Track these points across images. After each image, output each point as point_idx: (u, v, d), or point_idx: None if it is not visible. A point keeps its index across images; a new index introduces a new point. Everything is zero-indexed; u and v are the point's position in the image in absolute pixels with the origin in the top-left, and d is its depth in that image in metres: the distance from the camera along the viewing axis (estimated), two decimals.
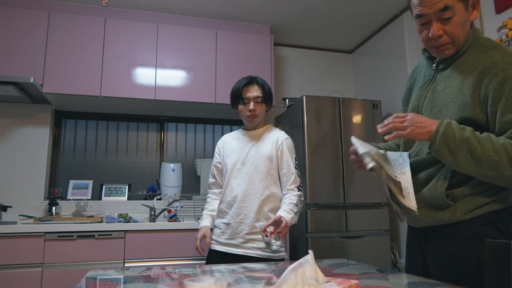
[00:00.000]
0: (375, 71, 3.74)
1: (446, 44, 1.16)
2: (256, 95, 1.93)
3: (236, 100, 1.96)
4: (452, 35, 1.14)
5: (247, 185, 1.89)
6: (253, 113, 1.92)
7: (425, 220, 1.19)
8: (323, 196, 2.94)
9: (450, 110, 1.15)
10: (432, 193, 1.16)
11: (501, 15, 2.34)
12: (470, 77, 1.12)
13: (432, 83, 1.25)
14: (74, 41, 2.98)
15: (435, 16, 1.12)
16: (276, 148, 1.93)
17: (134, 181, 3.42)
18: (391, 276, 1.18)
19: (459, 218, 1.12)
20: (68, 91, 2.91)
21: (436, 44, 1.17)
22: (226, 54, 3.29)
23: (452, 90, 1.16)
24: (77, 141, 3.40)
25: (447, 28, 1.13)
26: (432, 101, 1.22)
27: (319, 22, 3.56)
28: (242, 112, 1.96)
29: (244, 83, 1.95)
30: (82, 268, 2.40)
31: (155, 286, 1.09)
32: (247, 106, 1.93)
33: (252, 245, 1.84)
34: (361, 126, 3.15)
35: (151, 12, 3.33)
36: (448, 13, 1.11)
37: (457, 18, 1.12)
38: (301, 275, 0.80)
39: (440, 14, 1.12)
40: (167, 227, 2.62)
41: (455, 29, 1.13)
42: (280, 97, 3.74)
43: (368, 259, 2.73)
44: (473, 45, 1.17)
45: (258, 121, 1.99)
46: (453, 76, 1.18)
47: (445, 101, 1.17)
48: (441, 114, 1.17)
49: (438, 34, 1.14)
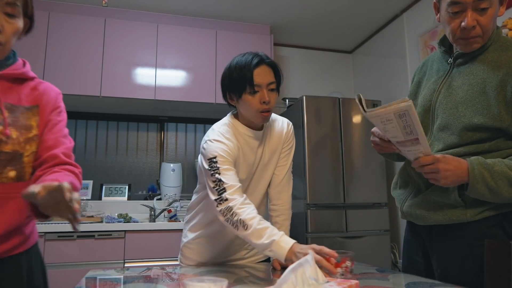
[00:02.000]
0: (375, 71, 3.74)
1: (476, 36, 1.11)
2: (269, 81, 1.34)
3: (241, 86, 1.32)
4: (485, 28, 1.10)
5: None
6: (267, 106, 1.33)
7: (433, 219, 1.16)
8: (323, 196, 2.94)
9: (470, 109, 1.10)
10: (443, 192, 1.13)
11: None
12: (493, 77, 1.08)
13: (447, 78, 1.20)
14: (74, 41, 2.98)
15: (472, 4, 1.07)
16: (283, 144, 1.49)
17: (134, 181, 3.42)
18: (391, 276, 1.18)
19: (469, 218, 1.10)
20: (68, 91, 2.91)
21: (468, 35, 1.11)
22: (226, 54, 3.28)
23: (473, 88, 1.11)
24: (77, 141, 3.39)
25: (482, 19, 1.09)
26: (447, 96, 1.17)
27: (319, 22, 3.56)
28: (250, 105, 1.33)
29: (255, 63, 1.32)
30: (82, 268, 2.40)
31: (155, 286, 1.09)
32: (258, 97, 1.32)
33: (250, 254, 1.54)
34: (361, 126, 3.15)
35: (151, 12, 3.33)
36: (485, 2, 1.07)
37: (492, 10, 1.09)
38: (301, 275, 0.80)
39: (477, 3, 1.07)
40: (167, 227, 2.62)
41: (488, 21, 1.09)
42: (280, 97, 3.74)
43: (368, 259, 2.72)
44: (494, 42, 1.14)
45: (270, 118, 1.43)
46: (473, 73, 1.13)
47: (463, 99, 1.12)
48: (457, 111, 1.13)
49: (472, 24, 1.08)
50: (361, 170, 3.05)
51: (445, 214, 1.13)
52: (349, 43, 4.01)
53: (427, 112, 1.23)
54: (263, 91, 1.32)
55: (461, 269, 1.12)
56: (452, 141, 1.14)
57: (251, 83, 1.30)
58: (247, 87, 1.31)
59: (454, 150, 1.13)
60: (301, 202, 2.97)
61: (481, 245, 1.08)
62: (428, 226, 1.21)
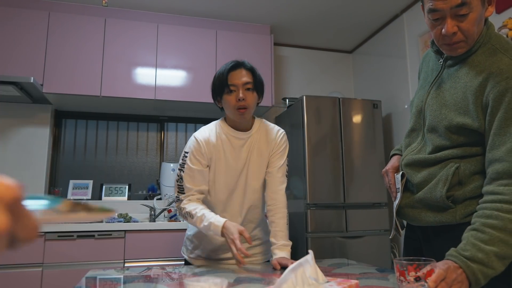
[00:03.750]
0: (375, 71, 3.74)
1: (459, 42, 1.08)
2: (245, 81, 1.53)
3: (220, 89, 1.53)
4: (466, 33, 1.06)
5: None
6: (242, 103, 1.49)
7: (424, 221, 1.18)
8: (323, 196, 2.94)
9: (452, 112, 1.11)
10: (432, 194, 1.14)
11: (501, 15, 2.34)
12: (475, 81, 1.08)
13: (438, 79, 1.20)
14: (74, 41, 2.98)
15: (450, 11, 1.04)
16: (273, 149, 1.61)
17: (134, 181, 3.42)
18: (391, 276, 1.18)
19: (458, 220, 1.10)
20: (68, 91, 2.91)
21: (449, 41, 1.09)
22: (226, 54, 3.28)
23: (457, 92, 1.12)
24: (77, 141, 3.40)
25: (462, 25, 1.05)
26: (435, 98, 1.18)
27: (319, 22, 3.56)
28: (228, 104, 1.52)
29: (229, 67, 1.55)
30: (82, 268, 2.40)
31: (155, 286, 1.09)
32: (234, 95, 1.51)
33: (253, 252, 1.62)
34: (361, 126, 3.15)
35: (151, 12, 3.33)
36: (464, 9, 1.03)
37: (473, 14, 1.04)
38: (301, 275, 0.80)
39: (456, 10, 1.03)
40: (167, 227, 2.62)
41: (470, 26, 1.05)
42: (280, 97, 3.74)
43: (368, 259, 2.73)
44: (484, 44, 1.10)
45: (249, 116, 1.56)
46: (458, 76, 1.13)
47: (448, 102, 1.13)
48: (440, 113, 1.14)
49: (452, 31, 1.06)
50: (361, 170, 3.06)
51: (436, 216, 1.14)
52: (349, 43, 4.01)
53: (419, 113, 1.24)
54: (239, 90, 1.51)
55: None
56: (440, 142, 1.15)
57: (227, 84, 1.52)
58: (225, 88, 1.52)
59: (443, 153, 1.14)
60: (301, 202, 2.97)
61: None
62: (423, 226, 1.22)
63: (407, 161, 1.23)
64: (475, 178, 1.10)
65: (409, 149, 1.26)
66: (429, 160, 1.18)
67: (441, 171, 1.14)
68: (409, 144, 1.29)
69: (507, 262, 0.97)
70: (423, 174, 1.18)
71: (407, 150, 1.27)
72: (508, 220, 0.96)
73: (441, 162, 1.14)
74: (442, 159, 1.14)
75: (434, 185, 1.14)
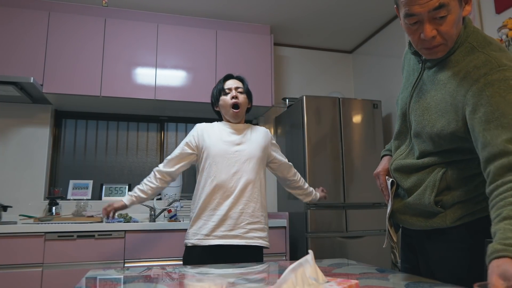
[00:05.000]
0: (375, 71, 3.74)
1: (439, 45, 1.05)
2: (237, 86, 1.99)
3: (218, 94, 1.99)
4: (446, 36, 1.03)
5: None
6: (235, 100, 1.94)
7: (416, 225, 1.19)
8: None
9: (433, 116, 1.09)
10: (421, 200, 1.13)
11: (501, 15, 2.34)
12: (452, 81, 1.05)
13: (419, 81, 1.18)
14: (74, 41, 2.98)
15: (428, 15, 1.00)
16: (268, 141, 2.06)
17: (134, 181, 3.42)
18: (391, 276, 1.18)
19: (449, 224, 1.10)
20: (68, 91, 2.91)
21: (429, 45, 1.05)
22: (226, 54, 3.28)
23: (436, 94, 1.09)
24: (77, 141, 3.40)
25: (441, 28, 1.01)
26: (417, 102, 1.16)
27: (319, 22, 3.56)
28: (225, 102, 1.96)
29: (224, 77, 2.05)
30: (82, 268, 2.40)
31: (155, 286, 1.09)
32: (229, 95, 1.96)
33: (254, 234, 1.88)
34: (361, 126, 3.16)
35: (151, 12, 3.33)
36: (442, 11, 0.99)
37: (452, 16, 1.00)
38: (301, 275, 0.80)
39: (434, 13, 0.99)
40: (167, 227, 2.62)
41: (449, 28, 1.01)
42: (280, 97, 3.74)
43: (368, 259, 2.73)
44: (461, 44, 1.07)
45: (242, 115, 2.01)
46: (437, 78, 1.10)
47: (429, 105, 1.11)
48: (423, 118, 1.12)
49: (431, 35, 1.02)
50: (361, 170, 3.06)
51: (426, 221, 1.14)
52: (349, 43, 4.01)
53: (404, 116, 1.23)
54: (232, 91, 1.97)
55: (445, 272, 1.13)
56: (425, 148, 1.13)
57: (223, 88, 1.99)
58: (221, 92, 1.99)
59: (429, 159, 1.13)
60: (301, 202, 2.97)
61: (462, 249, 1.10)
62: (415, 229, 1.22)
63: (395, 166, 1.23)
64: (463, 182, 1.10)
65: (398, 152, 1.26)
66: (416, 165, 1.17)
67: (428, 176, 1.13)
68: (398, 146, 1.28)
69: None
70: (412, 179, 1.18)
71: (396, 153, 1.27)
72: None
73: (429, 167, 1.14)
74: (430, 164, 1.13)
75: (422, 191, 1.13)
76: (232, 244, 1.84)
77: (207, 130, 1.98)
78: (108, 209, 1.97)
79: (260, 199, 1.94)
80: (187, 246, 1.91)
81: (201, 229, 1.87)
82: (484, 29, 2.45)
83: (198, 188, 1.95)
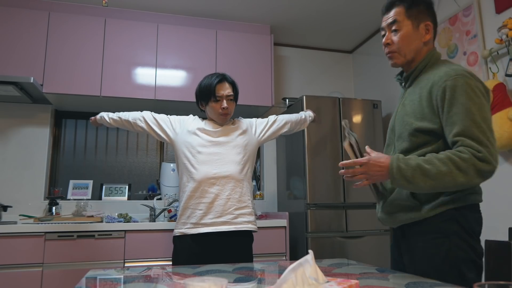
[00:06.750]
0: (375, 71, 3.74)
1: (392, 52, 1.39)
2: (228, 93, 1.96)
3: (207, 97, 1.96)
4: (397, 45, 1.37)
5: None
6: (226, 111, 1.95)
7: (397, 220, 1.35)
8: (323, 196, 2.94)
9: (412, 118, 1.31)
10: (400, 194, 1.33)
11: (501, 15, 2.34)
12: (426, 89, 1.30)
13: (402, 99, 1.43)
14: (74, 41, 2.98)
15: (388, 27, 1.40)
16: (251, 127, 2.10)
17: (134, 181, 3.42)
18: (391, 276, 1.18)
19: (424, 215, 1.26)
20: (68, 91, 2.91)
21: (386, 51, 1.40)
22: (226, 54, 3.28)
23: (414, 102, 1.33)
24: (77, 141, 3.39)
25: (394, 38, 1.37)
26: (400, 112, 1.40)
27: (319, 22, 3.56)
28: (214, 109, 1.96)
29: (217, 81, 1.95)
30: (82, 268, 2.40)
31: (155, 286, 1.09)
32: (219, 104, 1.95)
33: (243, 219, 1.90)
34: (361, 126, 3.16)
35: (151, 12, 3.32)
36: (395, 25, 1.37)
37: (403, 32, 1.35)
38: (301, 275, 0.80)
39: (390, 26, 1.39)
40: (167, 227, 2.61)
41: (399, 40, 1.36)
42: (280, 97, 3.74)
43: (368, 259, 2.73)
44: (430, 64, 1.37)
45: (228, 118, 2.04)
46: (414, 91, 1.36)
47: (409, 111, 1.34)
48: (403, 121, 1.35)
49: (386, 42, 1.40)
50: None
51: (406, 214, 1.31)
52: (349, 43, 4.01)
53: (392, 130, 1.45)
54: (223, 100, 1.95)
55: (422, 262, 1.25)
56: (403, 147, 1.33)
57: (214, 95, 1.94)
58: (212, 98, 1.95)
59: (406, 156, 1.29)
60: (301, 202, 2.98)
61: (438, 238, 1.22)
62: (399, 227, 1.37)
63: None
64: None
65: None
66: None
67: None
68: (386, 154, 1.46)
69: (428, 181, 1.16)
70: None
71: None
72: (450, 162, 1.14)
73: None
74: None
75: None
76: (221, 231, 1.85)
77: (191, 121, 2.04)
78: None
79: (246, 183, 1.95)
80: (175, 236, 1.93)
81: (190, 218, 1.88)
82: (484, 29, 2.45)
83: (182, 177, 1.96)
